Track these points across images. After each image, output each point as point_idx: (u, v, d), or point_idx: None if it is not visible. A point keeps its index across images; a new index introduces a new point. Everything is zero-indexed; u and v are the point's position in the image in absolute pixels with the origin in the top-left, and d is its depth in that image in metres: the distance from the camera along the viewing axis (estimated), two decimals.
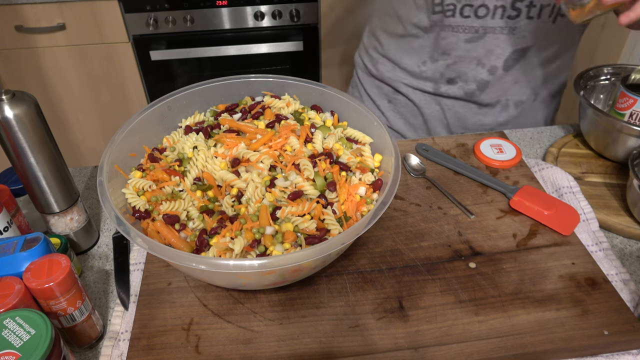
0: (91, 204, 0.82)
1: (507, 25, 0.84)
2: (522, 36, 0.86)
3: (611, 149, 0.83)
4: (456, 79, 0.93)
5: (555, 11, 0.83)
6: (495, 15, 0.83)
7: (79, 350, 0.61)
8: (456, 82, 0.93)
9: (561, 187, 0.78)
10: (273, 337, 0.59)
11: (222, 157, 0.67)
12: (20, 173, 0.64)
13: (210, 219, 0.61)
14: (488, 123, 0.99)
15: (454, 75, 0.92)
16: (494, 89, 0.93)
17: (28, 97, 0.60)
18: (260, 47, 1.79)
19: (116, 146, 0.65)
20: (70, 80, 1.79)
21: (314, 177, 0.63)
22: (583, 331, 0.59)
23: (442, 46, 0.89)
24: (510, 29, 0.85)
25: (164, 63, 1.80)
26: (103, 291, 0.68)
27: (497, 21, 0.84)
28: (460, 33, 0.86)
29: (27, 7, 1.61)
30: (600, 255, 0.69)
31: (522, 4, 0.82)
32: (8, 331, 0.46)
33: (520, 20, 0.84)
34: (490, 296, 0.62)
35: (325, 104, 0.78)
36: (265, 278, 0.57)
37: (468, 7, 0.82)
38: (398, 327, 0.59)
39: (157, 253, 0.53)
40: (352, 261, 0.67)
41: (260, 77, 0.78)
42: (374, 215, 0.56)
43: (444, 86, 0.94)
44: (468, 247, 0.69)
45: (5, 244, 0.57)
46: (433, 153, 0.84)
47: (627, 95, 0.80)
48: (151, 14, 1.70)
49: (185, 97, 0.75)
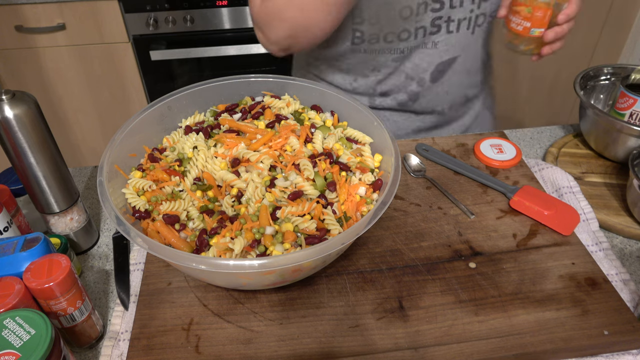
0: (91, 204, 0.82)
1: (430, 41, 0.87)
2: (446, 49, 0.88)
3: (611, 149, 0.83)
4: (388, 92, 0.94)
5: (472, 23, 0.87)
6: (418, 36, 0.86)
7: (79, 350, 0.61)
8: (389, 95, 0.95)
9: (561, 187, 0.78)
10: (273, 337, 0.59)
11: (222, 157, 0.67)
12: (20, 173, 0.64)
13: (210, 219, 0.61)
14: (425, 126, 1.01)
15: (386, 89, 0.94)
16: (426, 99, 0.95)
17: (28, 97, 0.60)
18: (260, 47, 1.79)
19: (116, 146, 0.65)
20: (70, 80, 1.79)
21: (314, 177, 0.63)
22: (583, 331, 0.59)
23: (371, 65, 0.91)
24: (433, 43, 0.87)
25: (164, 63, 1.80)
26: (103, 291, 0.68)
27: (419, 40, 0.86)
28: (387, 54, 0.88)
29: (27, 7, 1.61)
30: (600, 255, 0.69)
31: (440, 20, 0.84)
32: (8, 331, 0.46)
33: (441, 35, 0.86)
34: (490, 296, 0.62)
35: (325, 104, 0.78)
36: (265, 278, 0.57)
37: (391, 34, 0.85)
38: (398, 327, 0.59)
39: (157, 253, 0.53)
40: (352, 261, 0.67)
41: (260, 77, 0.78)
42: (374, 215, 0.56)
43: (378, 99, 0.96)
44: (468, 247, 0.69)
45: (5, 244, 0.57)
46: (433, 153, 0.84)
47: (627, 95, 0.81)
48: (151, 14, 1.70)
49: (185, 97, 0.75)
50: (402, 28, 0.84)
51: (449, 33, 0.86)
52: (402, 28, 0.84)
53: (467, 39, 0.89)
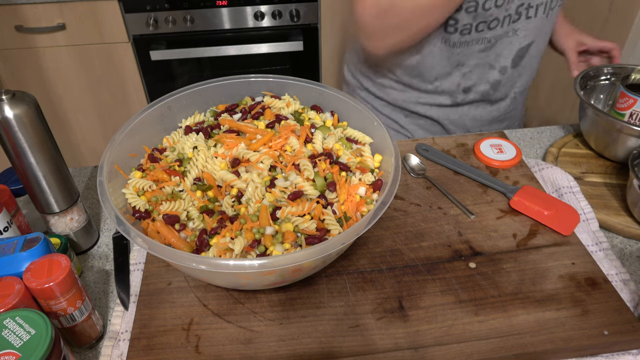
0: (91, 204, 0.82)
1: (512, 28, 0.91)
2: (524, 35, 0.92)
3: (611, 149, 0.83)
4: (471, 87, 0.98)
5: (547, 7, 0.90)
6: (504, 24, 0.89)
7: (79, 350, 0.61)
8: (471, 90, 0.99)
9: (561, 187, 0.78)
10: (273, 337, 0.59)
11: (222, 157, 0.67)
12: (20, 173, 0.64)
13: (210, 219, 0.61)
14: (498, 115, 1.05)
15: (470, 84, 0.98)
16: (505, 86, 1.00)
17: (28, 97, 0.60)
18: (260, 47, 1.79)
19: (116, 146, 0.65)
20: (70, 80, 1.79)
21: (314, 177, 0.63)
22: (583, 331, 0.59)
23: (456, 60, 0.94)
24: (513, 30, 0.91)
25: (164, 63, 1.80)
26: (103, 291, 0.68)
27: (504, 28, 0.90)
28: (474, 45, 0.92)
29: (27, 7, 1.61)
30: (600, 255, 0.69)
31: (522, 7, 0.88)
32: (8, 331, 0.46)
33: (521, 21, 0.90)
34: (490, 296, 0.62)
35: (325, 104, 0.78)
36: (265, 278, 0.57)
37: (482, 23, 0.88)
38: (398, 327, 0.59)
39: (157, 253, 0.53)
40: (352, 261, 0.67)
41: (260, 77, 0.78)
42: (374, 215, 0.56)
43: (460, 95, 0.99)
44: (468, 247, 0.69)
45: (5, 244, 0.57)
46: (433, 153, 0.84)
47: (627, 95, 0.80)
48: (151, 14, 1.70)
49: (185, 97, 0.75)
50: (493, 16, 0.87)
51: (527, 19, 0.90)
52: (493, 16, 0.87)
53: (542, 23, 0.93)
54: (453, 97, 0.99)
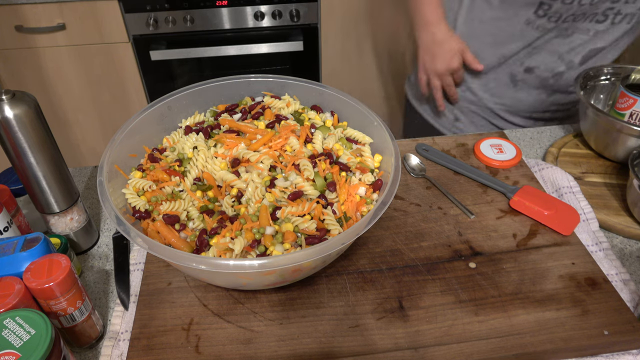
0: (91, 204, 0.82)
1: (594, 28, 0.92)
2: (601, 38, 0.93)
3: (611, 149, 0.83)
4: (534, 69, 0.99)
5: (635, 19, 0.91)
6: (586, 20, 0.91)
7: (79, 350, 0.61)
8: (533, 71, 1.00)
9: (561, 187, 0.78)
10: (273, 337, 0.59)
11: (222, 158, 0.67)
12: (20, 173, 0.64)
13: (210, 219, 0.61)
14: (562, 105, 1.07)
15: (533, 65, 0.99)
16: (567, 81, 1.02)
17: (28, 97, 0.60)
18: (260, 47, 1.79)
19: (116, 146, 0.65)
20: (70, 80, 1.79)
21: (314, 177, 0.63)
22: (583, 331, 0.59)
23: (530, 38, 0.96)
24: (595, 31, 0.92)
25: (164, 63, 1.80)
26: (103, 291, 0.68)
27: (586, 24, 0.91)
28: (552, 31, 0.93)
29: (27, 7, 1.61)
30: (600, 255, 0.69)
31: (611, 11, 0.89)
32: (8, 331, 0.46)
33: (605, 24, 0.91)
34: (490, 296, 0.62)
35: (325, 104, 0.78)
36: (265, 278, 0.57)
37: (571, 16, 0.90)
38: (398, 327, 0.59)
39: (157, 253, 0.53)
40: (352, 261, 0.67)
41: (260, 77, 0.78)
42: (374, 215, 0.56)
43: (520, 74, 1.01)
44: (468, 247, 0.69)
45: (5, 244, 0.57)
46: (433, 153, 0.84)
47: (627, 95, 0.80)
48: (151, 14, 1.70)
49: (185, 97, 0.75)
50: (581, 11, 0.88)
51: (612, 24, 0.91)
52: (581, 11, 0.88)
53: (621, 33, 0.93)
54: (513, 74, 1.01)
